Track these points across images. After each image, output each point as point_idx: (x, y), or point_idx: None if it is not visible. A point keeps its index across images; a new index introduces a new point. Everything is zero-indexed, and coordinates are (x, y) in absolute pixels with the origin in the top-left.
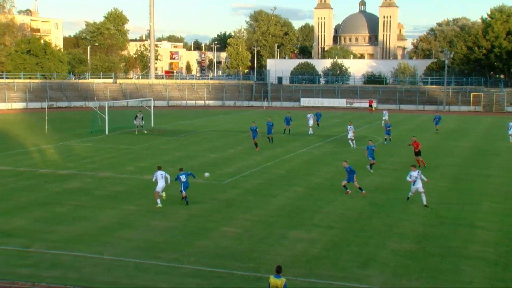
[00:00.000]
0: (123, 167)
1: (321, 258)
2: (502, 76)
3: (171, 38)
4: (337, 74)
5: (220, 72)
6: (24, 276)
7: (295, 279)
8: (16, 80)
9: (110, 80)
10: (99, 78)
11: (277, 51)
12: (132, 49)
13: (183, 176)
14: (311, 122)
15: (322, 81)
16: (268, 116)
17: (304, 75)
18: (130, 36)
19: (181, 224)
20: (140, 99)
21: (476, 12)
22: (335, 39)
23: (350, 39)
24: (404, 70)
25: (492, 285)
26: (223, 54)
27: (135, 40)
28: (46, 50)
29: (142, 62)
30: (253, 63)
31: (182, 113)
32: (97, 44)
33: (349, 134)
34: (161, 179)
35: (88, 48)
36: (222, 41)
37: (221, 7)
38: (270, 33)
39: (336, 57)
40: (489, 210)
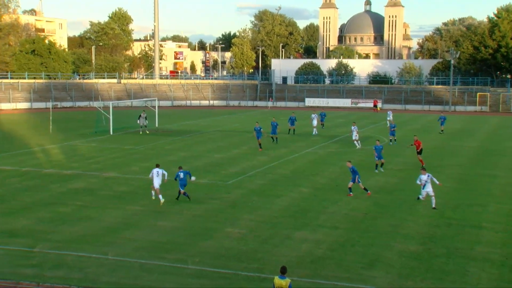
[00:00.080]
0: (128, 167)
1: (326, 258)
2: (509, 76)
3: (176, 38)
4: (342, 74)
5: (224, 72)
6: (28, 276)
7: (299, 280)
8: (20, 80)
9: (115, 80)
10: (104, 78)
11: (282, 51)
12: (136, 49)
13: (181, 173)
14: (315, 122)
15: (327, 81)
16: (272, 116)
17: (309, 75)
18: (134, 36)
19: (185, 225)
20: (144, 99)
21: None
22: (340, 38)
23: (355, 39)
24: (409, 70)
25: (499, 287)
26: (228, 54)
27: (140, 40)
28: (50, 50)
29: (146, 62)
30: (257, 63)
31: (186, 113)
32: (101, 44)
33: (353, 135)
34: (156, 176)
35: (93, 48)
36: (226, 41)
37: (226, 6)
38: (275, 33)
39: (341, 57)
40: (495, 211)
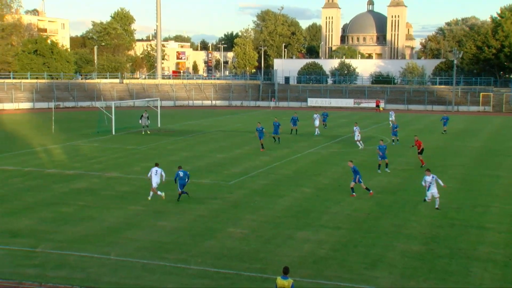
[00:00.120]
0: (130, 167)
1: (329, 259)
2: None
3: (178, 38)
4: (345, 74)
5: (227, 72)
6: (31, 276)
7: (302, 280)
8: (23, 80)
9: (117, 80)
10: (106, 78)
11: (284, 51)
12: (138, 49)
13: (181, 172)
14: (317, 122)
15: (330, 81)
16: (275, 116)
17: (312, 75)
18: (136, 36)
19: (187, 225)
20: (146, 99)
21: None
22: (343, 38)
23: (357, 39)
24: (412, 70)
25: (502, 287)
26: (230, 54)
27: (142, 40)
28: (53, 50)
29: (148, 62)
30: (260, 63)
31: (188, 113)
32: (103, 44)
33: (356, 135)
34: (155, 175)
35: (95, 48)
36: (229, 41)
37: (228, 7)
38: (277, 32)
39: (344, 57)
40: (498, 211)
